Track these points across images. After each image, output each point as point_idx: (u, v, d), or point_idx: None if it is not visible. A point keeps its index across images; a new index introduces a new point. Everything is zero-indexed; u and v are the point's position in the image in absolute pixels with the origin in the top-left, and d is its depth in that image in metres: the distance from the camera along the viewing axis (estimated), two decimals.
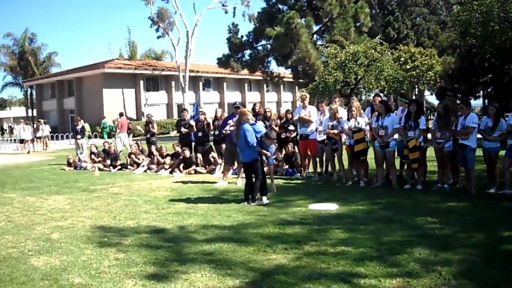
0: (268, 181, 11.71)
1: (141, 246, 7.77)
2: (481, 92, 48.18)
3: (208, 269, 6.48)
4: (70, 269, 6.70)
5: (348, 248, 7.23)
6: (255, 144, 11.11)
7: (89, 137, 35.49)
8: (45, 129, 36.61)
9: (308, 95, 15.93)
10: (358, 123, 13.12)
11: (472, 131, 11.35)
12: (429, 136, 12.87)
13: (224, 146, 15.70)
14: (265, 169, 11.88)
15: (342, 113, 14.02)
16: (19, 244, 8.16)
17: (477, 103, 51.30)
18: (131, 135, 31.41)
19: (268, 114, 16.51)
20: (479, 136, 11.67)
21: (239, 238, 8.03)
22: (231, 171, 15.42)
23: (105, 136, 32.77)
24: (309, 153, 15.22)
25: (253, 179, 11.37)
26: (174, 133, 18.48)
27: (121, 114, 28.28)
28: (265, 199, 11.25)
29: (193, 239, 8.09)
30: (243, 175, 12.55)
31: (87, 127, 37.64)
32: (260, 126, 12.14)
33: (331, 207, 10.43)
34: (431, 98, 74.74)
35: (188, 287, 5.91)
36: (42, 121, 39.38)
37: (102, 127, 35.43)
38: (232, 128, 13.67)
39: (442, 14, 64.60)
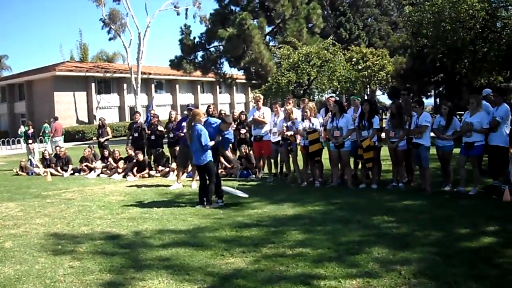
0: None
1: (96, 253, 7.59)
2: (433, 92, 48.84)
3: (166, 275, 6.37)
4: (25, 279, 6.49)
5: (306, 249, 7.20)
6: (209, 145, 10.99)
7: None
8: None
9: (262, 97, 15.88)
10: (313, 124, 13.12)
11: (425, 130, 11.48)
12: (383, 135, 12.96)
13: (178, 148, 15.52)
14: (220, 171, 11.76)
15: (297, 114, 14.02)
16: None
17: (429, 102, 52.06)
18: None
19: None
20: (432, 134, 11.79)
21: (195, 242, 7.92)
22: (185, 174, 15.28)
23: (47, 140, 32.17)
24: (263, 154, 15.18)
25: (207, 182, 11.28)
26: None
27: (55, 118, 28.20)
28: (220, 202, 11.18)
29: (149, 245, 7.95)
30: (198, 177, 12.44)
31: (22, 129, 37.17)
32: (213, 119, 12.10)
33: (240, 194, 11.31)
34: (383, 98, 75.61)
35: None
36: None
37: (42, 131, 34.80)
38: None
39: (393, 15, 65.55)
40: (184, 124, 14.43)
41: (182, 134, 14.45)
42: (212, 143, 11.10)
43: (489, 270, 6.08)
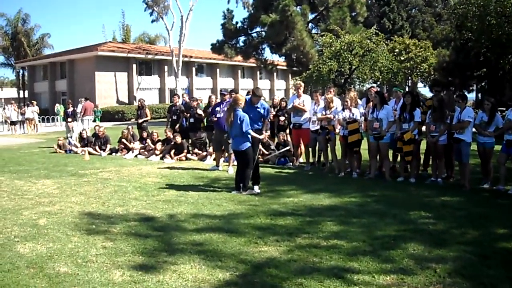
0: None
1: (130, 234, 7.61)
2: (475, 86, 48.04)
3: (198, 261, 6.35)
4: (57, 257, 6.53)
5: (341, 241, 7.12)
6: (249, 130, 10.91)
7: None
8: (27, 111, 36.02)
9: (302, 84, 15.79)
10: (353, 114, 12.96)
11: (467, 126, 11.24)
12: (424, 129, 12.77)
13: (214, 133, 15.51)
14: (259, 157, 11.71)
15: (337, 103, 13.89)
16: (5, 230, 7.96)
17: (470, 96, 51.29)
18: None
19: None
20: (474, 130, 11.56)
21: (229, 228, 7.90)
22: (222, 158, 15.25)
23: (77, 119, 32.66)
24: (301, 142, 15.08)
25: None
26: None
27: (86, 99, 29.48)
28: (256, 189, 11.11)
29: (182, 229, 7.95)
30: (235, 163, 12.40)
31: (61, 109, 37.84)
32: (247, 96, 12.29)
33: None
34: (424, 90, 74.69)
35: (176, 279, 5.77)
36: (34, 102, 39.17)
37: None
38: (219, 115, 13.73)
39: (437, 7, 64.49)
40: (217, 109, 14.48)
41: (216, 119, 14.47)
42: (254, 134, 11.08)
43: None
